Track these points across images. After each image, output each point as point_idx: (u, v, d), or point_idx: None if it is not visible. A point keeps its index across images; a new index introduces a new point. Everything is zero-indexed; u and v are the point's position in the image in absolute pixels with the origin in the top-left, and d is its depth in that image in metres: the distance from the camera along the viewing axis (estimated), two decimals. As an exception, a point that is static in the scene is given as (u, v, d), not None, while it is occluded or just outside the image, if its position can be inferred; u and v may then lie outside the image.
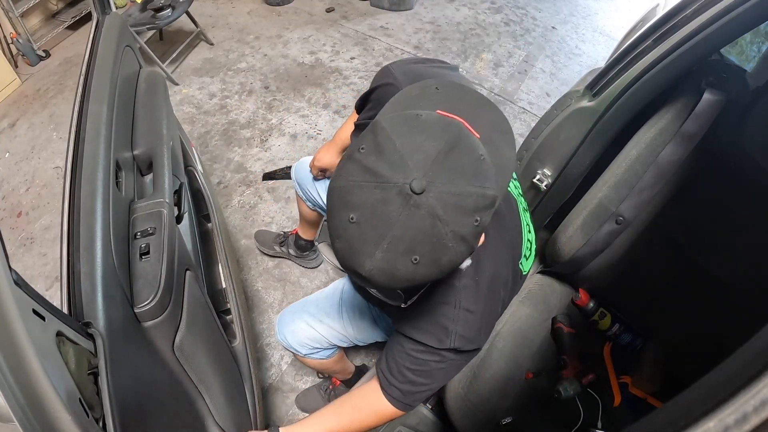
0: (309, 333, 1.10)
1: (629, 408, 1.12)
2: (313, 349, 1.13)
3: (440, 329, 0.69)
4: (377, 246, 0.47)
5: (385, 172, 0.46)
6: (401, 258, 0.47)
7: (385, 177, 0.46)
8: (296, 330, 1.10)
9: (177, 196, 0.96)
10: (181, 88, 2.71)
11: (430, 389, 0.76)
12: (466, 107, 0.58)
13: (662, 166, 1.04)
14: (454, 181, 0.47)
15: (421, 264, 0.47)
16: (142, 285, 0.75)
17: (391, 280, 0.49)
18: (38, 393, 0.44)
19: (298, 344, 1.12)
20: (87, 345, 0.57)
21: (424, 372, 0.73)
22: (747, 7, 0.75)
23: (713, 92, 0.97)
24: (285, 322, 1.13)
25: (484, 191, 0.48)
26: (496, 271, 0.72)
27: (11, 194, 2.23)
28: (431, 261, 0.47)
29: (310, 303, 1.13)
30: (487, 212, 0.49)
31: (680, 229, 1.13)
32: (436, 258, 0.48)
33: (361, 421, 0.81)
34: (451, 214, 0.46)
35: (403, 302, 0.67)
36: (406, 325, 0.73)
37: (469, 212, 0.47)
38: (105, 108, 0.90)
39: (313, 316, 1.10)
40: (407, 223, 0.46)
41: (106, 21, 1.14)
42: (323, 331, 1.09)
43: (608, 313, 1.22)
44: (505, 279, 0.75)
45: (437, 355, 0.71)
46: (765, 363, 0.27)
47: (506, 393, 1.10)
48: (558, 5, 3.60)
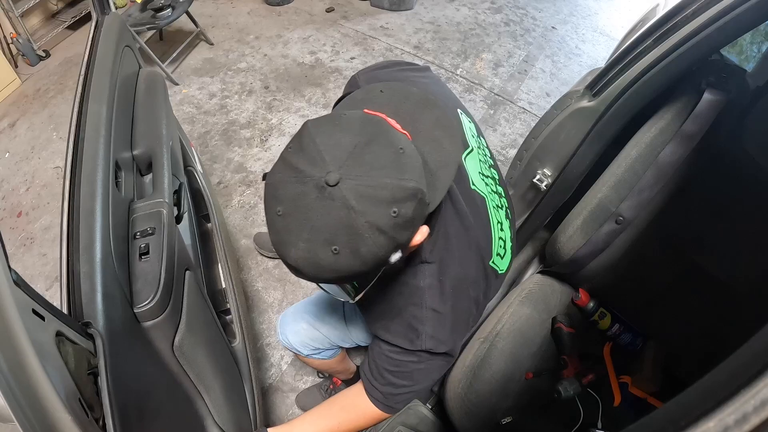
0: (311, 333, 1.10)
1: (629, 408, 1.12)
2: (315, 350, 1.13)
3: (410, 330, 0.69)
4: (299, 237, 0.49)
5: (305, 167, 0.50)
6: (321, 248, 0.49)
7: (305, 172, 0.49)
8: (298, 330, 1.10)
9: (176, 196, 0.96)
10: (181, 88, 2.71)
11: (412, 391, 0.76)
12: (409, 107, 0.61)
13: (662, 166, 1.04)
14: (369, 173, 0.49)
15: (341, 254, 0.49)
16: (142, 285, 0.75)
17: (317, 269, 0.51)
18: (38, 393, 0.44)
19: (301, 345, 1.11)
20: (87, 345, 0.57)
21: (404, 373, 0.73)
22: (747, 7, 0.75)
23: (713, 92, 0.97)
24: (287, 323, 1.12)
25: (402, 183, 0.49)
26: (462, 271, 0.71)
27: (11, 194, 2.23)
28: (351, 251, 0.49)
29: (311, 303, 1.13)
30: (408, 204, 0.50)
31: (680, 229, 1.13)
32: (355, 248, 0.49)
33: (349, 423, 0.81)
34: (365, 205, 0.48)
35: (351, 299, 0.67)
36: (379, 327, 0.73)
37: (385, 203, 0.48)
38: (104, 108, 0.90)
39: (315, 317, 1.10)
40: (324, 215, 0.48)
41: (106, 21, 1.14)
42: (325, 331, 1.09)
43: (608, 313, 1.22)
44: (474, 279, 0.74)
45: (413, 356, 0.71)
46: (765, 363, 0.26)
47: (506, 393, 1.10)
48: (558, 5, 3.60)
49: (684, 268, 1.12)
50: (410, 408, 1.20)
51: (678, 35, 0.89)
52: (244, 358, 1.22)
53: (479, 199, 0.76)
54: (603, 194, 1.09)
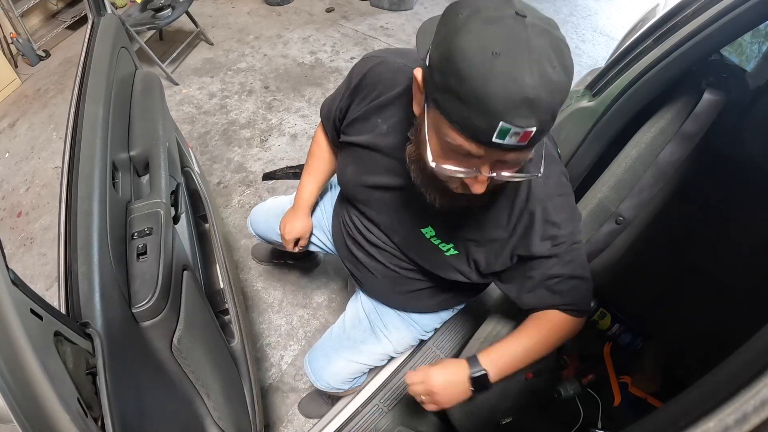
0: (351, 368, 1.08)
1: (629, 408, 1.12)
2: (354, 380, 1.12)
3: (570, 209, 0.76)
4: (529, 61, 0.48)
5: (495, 11, 0.50)
6: (548, 65, 0.49)
7: (498, 11, 0.50)
8: (338, 371, 1.07)
9: (174, 197, 0.96)
10: (181, 88, 2.71)
11: (587, 278, 0.82)
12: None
13: (662, 166, 1.04)
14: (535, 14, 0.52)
15: (558, 70, 0.49)
16: (140, 285, 0.75)
17: (551, 91, 0.49)
18: (37, 393, 0.44)
19: (341, 383, 1.09)
20: (85, 345, 0.57)
21: (576, 262, 0.79)
22: (747, 7, 0.75)
23: (713, 92, 0.97)
24: (322, 367, 1.09)
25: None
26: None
27: (11, 194, 2.23)
28: (563, 67, 0.50)
29: (340, 338, 1.10)
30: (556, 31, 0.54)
31: (680, 229, 1.13)
32: (564, 62, 0.50)
33: (550, 337, 0.85)
34: (552, 26, 0.51)
35: (539, 172, 0.62)
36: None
37: (555, 28, 0.52)
38: (101, 109, 0.90)
39: (351, 350, 1.07)
40: (534, 37, 0.49)
41: (102, 22, 1.14)
42: (365, 359, 1.08)
43: (608, 313, 1.22)
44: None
45: (575, 235, 0.77)
46: (765, 363, 0.26)
47: (506, 393, 1.10)
48: (558, 5, 3.60)
49: (684, 268, 1.12)
50: (410, 408, 1.20)
51: (678, 35, 0.89)
52: (242, 358, 1.21)
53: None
54: (603, 194, 1.09)
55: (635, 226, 1.12)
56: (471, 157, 0.56)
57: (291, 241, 1.16)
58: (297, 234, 1.15)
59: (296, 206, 1.15)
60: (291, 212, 1.16)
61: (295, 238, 1.15)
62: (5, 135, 2.53)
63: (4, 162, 2.39)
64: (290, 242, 1.16)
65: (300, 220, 1.15)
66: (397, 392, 1.27)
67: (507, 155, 0.55)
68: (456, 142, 0.54)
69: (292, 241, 1.16)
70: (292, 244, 1.16)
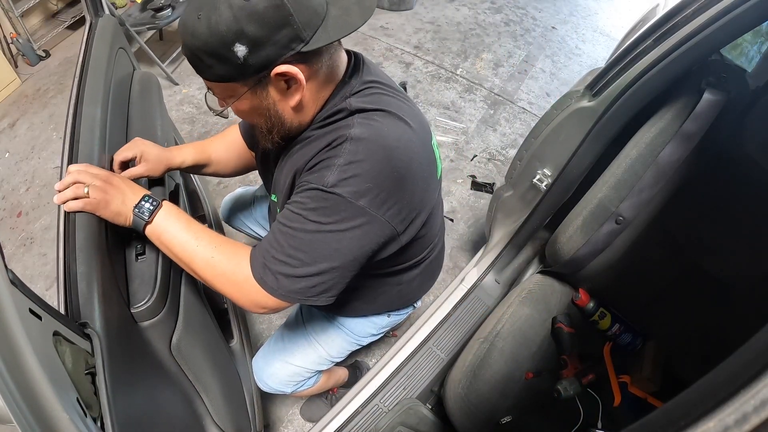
0: (287, 370, 1.07)
1: (629, 408, 1.12)
2: (297, 384, 1.10)
3: (323, 168, 0.66)
4: (188, 2, 0.60)
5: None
6: (193, 11, 0.58)
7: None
8: (274, 372, 1.07)
9: (173, 197, 0.96)
10: (181, 87, 2.71)
11: (308, 274, 0.66)
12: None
13: (662, 166, 1.04)
14: None
15: (201, 20, 0.57)
16: (139, 285, 0.75)
17: (184, 31, 0.60)
18: (36, 393, 0.44)
19: (282, 385, 1.08)
20: (84, 345, 0.57)
21: (301, 238, 0.65)
22: (747, 7, 0.75)
23: (713, 92, 0.97)
24: (260, 368, 1.09)
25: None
26: (398, 133, 0.69)
27: (11, 194, 2.23)
28: (206, 18, 0.56)
29: (276, 340, 1.10)
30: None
31: (680, 229, 1.13)
32: (208, 16, 0.56)
33: (217, 264, 0.71)
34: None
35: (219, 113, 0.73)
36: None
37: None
38: (99, 110, 0.91)
39: (284, 352, 1.07)
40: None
41: (100, 23, 1.14)
42: (299, 362, 1.06)
43: (608, 313, 1.22)
44: (421, 151, 0.72)
45: (324, 201, 0.64)
46: (765, 363, 0.26)
47: (506, 393, 1.10)
48: (558, 5, 3.60)
49: (684, 268, 1.12)
50: (410, 408, 1.20)
51: (678, 35, 0.89)
52: (242, 358, 1.22)
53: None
54: (603, 194, 1.09)
55: (635, 226, 1.12)
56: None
57: (119, 154, 0.86)
58: (134, 152, 0.86)
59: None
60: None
61: (127, 157, 0.86)
62: (5, 135, 2.53)
63: (4, 162, 2.39)
64: (119, 155, 0.86)
65: (153, 147, 0.89)
66: (397, 392, 1.27)
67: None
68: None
69: (120, 156, 0.86)
70: (118, 160, 0.86)
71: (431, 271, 1.02)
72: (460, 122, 2.56)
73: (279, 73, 0.61)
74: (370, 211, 0.65)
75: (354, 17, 0.63)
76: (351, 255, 0.67)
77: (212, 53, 0.59)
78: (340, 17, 0.62)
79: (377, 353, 1.67)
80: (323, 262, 0.66)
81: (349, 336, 1.07)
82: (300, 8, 0.58)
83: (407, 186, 0.68)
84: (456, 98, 2.71)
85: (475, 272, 1.52)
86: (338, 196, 0.63)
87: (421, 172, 0.71)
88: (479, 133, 2.51)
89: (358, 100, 0.69)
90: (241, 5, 0.55)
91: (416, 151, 0.71)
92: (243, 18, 0.55)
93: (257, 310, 0.72)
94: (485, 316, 1.40)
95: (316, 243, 0.65)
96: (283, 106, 0.68)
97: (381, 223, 0.67)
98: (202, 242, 0.72)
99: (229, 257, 0.71)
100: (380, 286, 0.94)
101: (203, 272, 0.72)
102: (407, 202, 0.70)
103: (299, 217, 0.65)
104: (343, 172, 0.63)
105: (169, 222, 0.73)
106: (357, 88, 0.71)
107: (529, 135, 1.32)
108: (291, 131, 0.73)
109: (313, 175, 0.66)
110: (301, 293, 0.68)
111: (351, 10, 0.63)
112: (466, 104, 2.68)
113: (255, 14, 0.56)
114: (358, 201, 0.63)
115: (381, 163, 0.65)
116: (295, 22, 0.58)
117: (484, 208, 2.12)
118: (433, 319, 1.41)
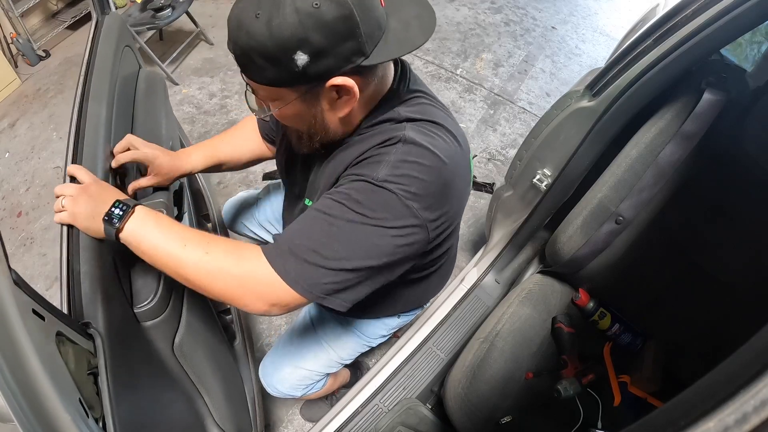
0: (297, 374, 1.06)
1: (629, 408, 1.12)
2: (306, 387, 1.10)
3: (373, 163, 0.64)
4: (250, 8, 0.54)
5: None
6: (251, 7, 0.54)
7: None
8: (284, 377, 1.06)
9: (177, 197, 0.96)
10: (181, 88, 2.71)
11: (343, 268, 0.61)
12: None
13: (662, 166, 1.04)
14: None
15: (260, 19, 0.53)
16: (142, 285, 0.75)
17: (238, 28, 0.55)
18: (38, 393, 0.44)
19: (291, 389, 1.08)
20: (87, 345, 0.57)
21: (338, 234, 0.61)
22: (747, 7, 0.75)
23: (713, 92, 0.97)
24: (269, 374, 1.08)
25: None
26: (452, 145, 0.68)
27: (11, 194, 2.23)
28: (266, 19, 0.53)
29: (286, 344, 1.10)
30: (333, 7, 0.53)
31: (680, 229, 1.13)
32: (270, 18, 0.53)
33: (222, 267, 0.63)
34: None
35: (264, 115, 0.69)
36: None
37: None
38: (104, 108, 0.90)
39: (294, 356, 1.06)
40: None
41: (106, 21, 1.14)
42: (310, 366, 1.06)
43: (608, 313, 1.22)
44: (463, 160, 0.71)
45: (370, 194, 0.61)
46: (765, 363, 0.26)
47: (506, 393, 1.10)
48: (558, 5, 3.60)
49: (684, 268, 1.12)
50: (410, 408, 1.20)
51: (678, 35, 0.89)
52: (244, 358, 1.22)
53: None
54: (603, 194, 1.09)
55: (635, 226, 1.12)
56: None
57: (120, 147, 0.84)
58: (144, 158, 0.84)
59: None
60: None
61: (137, 159, 0.85)
62: (5, 135, 2.53)
63: (4, 162, 2.39)
64: (119, 147, 0.84)
65: (164, 156, 0.87)
66: (397, 392, 1.27)
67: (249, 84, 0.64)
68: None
69: (121, 149, 0.84)
70: (124, 160, 0.84)
71: (445, 272, 1.01)
72: (460, 122, 2.56)
73: (334, 85, 0.59)
74: (418, 213, 0.62)
75: (414, 33, 0.60)
76: (388, 255, 0.62)
77: (268, 56, 0.55)
78: (400, 31, 0.60)
79: (377, 353, 1.67)
80: (360, 259, 0.60)
81: (361, 338, 1.07)
82: (367, 20, 0.55)
83: (450, 199, 0.67)
84: (456, 98, 2.71)
85: (475, 272, 1.52)
86: (389, 191, 0.60)
87: (462, 187, 0.71)
88: (479, 133, 2.51)
89: (407, 110, 0.68)
90: (309, 12, 0.52)
91: (461, 166, 0.70)
92: (310, 25, 0.52)
93: (262, 307, 0.63)
94: (485, 316, 1.40)
95: (356, 235, 0.60)
96: (331, 116, 0.66)
97: (425, 229, 0.64)
98: (190, 244, 0.63)
99: (226, 253, 0.63)
100: (397, 289, 0.92)
101: (196, 276, 0.63)
102: (447, 214, 0.68)
103: (341, 206, 0.61)
104: (395, 168, 0.61)
105: (146, 229, 0.65)
106: (405, 96, 0.70)
107: (529, 135, 1.32)
108: (334, 139, 0.71)
109: (361, 168, 0.63)
110: (327, 290, 0.61)
111: (411, 25, 0.61)
112: (466, 104, 2.68)
113: (323, 23, 0.53)
114: (409, 201, 0.60)
115: (432, 171, 0.63)
116: (361, 35, 0.55)
117: (484, 208, 2.12)
118: (433, 319, 1.41)
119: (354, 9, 0.54)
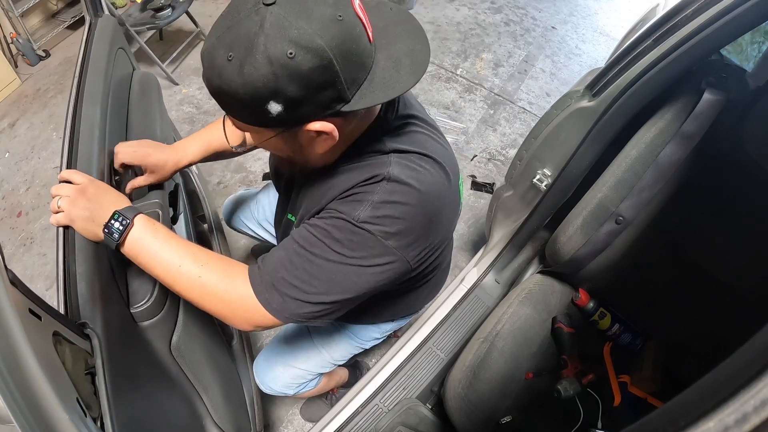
0: (290, 373, 1.07)
1: (629, 408, 1.11)
2: (299, 386, 1.10)
3: (354, 201, 0.64)
4: (217, 33, 0.52)
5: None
6: (222, 49, 0.51)
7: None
8: (277, 375, 1.07)
9: (172, 197, 0.96)
10: (181, 87, 2.71)
11: (321, 302, 0.64)
12: (398, 29, 0.61)
13: (662, 166, 1.04)
14: (299, 13, 0.49)
15: (231, 64, 0.50)
16: (138, 285, 0.75)
17: (210, 68, 0.53)
18: (36, 393, 0.44)
19: (284, 387, 1.08)
20: (84, 345, 0.57)
21: (317, 267, 0.64)
22: (747, 7, 0.75)
23: (713, 92, 0.97)
24: (263, 372, 1.09)
25: (315, 38, 0.49)
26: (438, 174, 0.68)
27: (11, 194, 2.23)
28: (239, 65, 0.50)
29: (279, 343, 1.10)
30: (308, 57, 0.49)
31: (680, 229, 1.13)
32: (242, 64, 0.50)
33: (214, 289, 0.66)
34: (274, 31, 0.49)
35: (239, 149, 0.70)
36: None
37: (289, 41, 0.49)
38: (99, 110, 0.91)
39: (287, 355, 1.07)
40: (242, 22, 0.50)
41: (99, 23, 1.14)
42: (302, 365, 1.06)
43: (608, 313, 1.22)
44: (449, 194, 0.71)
45: (351, 234, 0.63)
46: (765, 363, 0.26)
47: (506, 393, 1.10)
48: (558, 5, 3.60)
49: (684, 268, 1.12)
50: (410, 408, 1.20)
51: (678, 35, 0.89)
52: (242, 358, 1.22)
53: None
54: (603, 194, 1.09)
55: (635, 226, 1.12)
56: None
57: (119, 154, 0.84)
58: (132, 155, 0.84)
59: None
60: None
61: (130, 162, 0.85)
62: (5, 135, 2.53)
63: (4, 162, 2.39)
64: (118, 155, 0.84)
65: (159, 153, 0.87)
66: (397, 392, 1.27)
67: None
68: None
69: (120, 155, 0.84)
70: (119, 162, 0.85)
71: (437, 282, 1.02)
72: (460, 122, 2.56)
73: (311, 129, 0.57)
74: (397, 251, 0.64)
75: (404, 73, 0.57)
76: (366, 288, 0.66)
77: (240, 102, 0.53)
78: (389, 71, 0.57)
79: (377, 353, 1.67)
80: (338, 294, 0.64)
81: (353, 340, 1.07)
82: (348, 67, 0.52)
83: (435, 229, 0.68)
84: (456, 98, 2.71)
85: (475, 272, 1.52)
86: (368, 232, 0.61)
87: (449, 215, 0.72)
88: (479, 133, 2.51)
89: (394, 140, 0.66)
90: (283, 62, 0.49)
91: (448, 197, 0.70)
92: (284, 76, 0.49)
93: (248, 328, 0.69)
94: (485, 316, 1.40)
95: (335, 274, 0.63)
96: (310, 151, 0.64)
97: (403, 262, 0.66)
98: (186, 261, 0.66)
99: (221, 276, 0.66)
100: (388, 300, 0.94)
101: (189, 293, 0.67)
102: (431, 243, 0.69)
103: (321, 245, 0.63)
104: (376, 209, 0.62)
105: (144, 242, 0.66)
106: (393, 124, 0.68)
107: (529, 135, 1.32)
108: (316, 168, 0.70)
109: (344, 206, 0.64)
110: (305, 317, 0.66)
111: (401, 63, 0.58)
112: (466, 104, 2.68)
113: (298, 74, 0.50)
114: (387, 241, 0.62)
115: (415, 208, 0.63)
116: (341, 82, 0.52)
117: (484, 208, 2.12)
118: (433, 319, 1.41)
119: (333, 59, 0.50)
